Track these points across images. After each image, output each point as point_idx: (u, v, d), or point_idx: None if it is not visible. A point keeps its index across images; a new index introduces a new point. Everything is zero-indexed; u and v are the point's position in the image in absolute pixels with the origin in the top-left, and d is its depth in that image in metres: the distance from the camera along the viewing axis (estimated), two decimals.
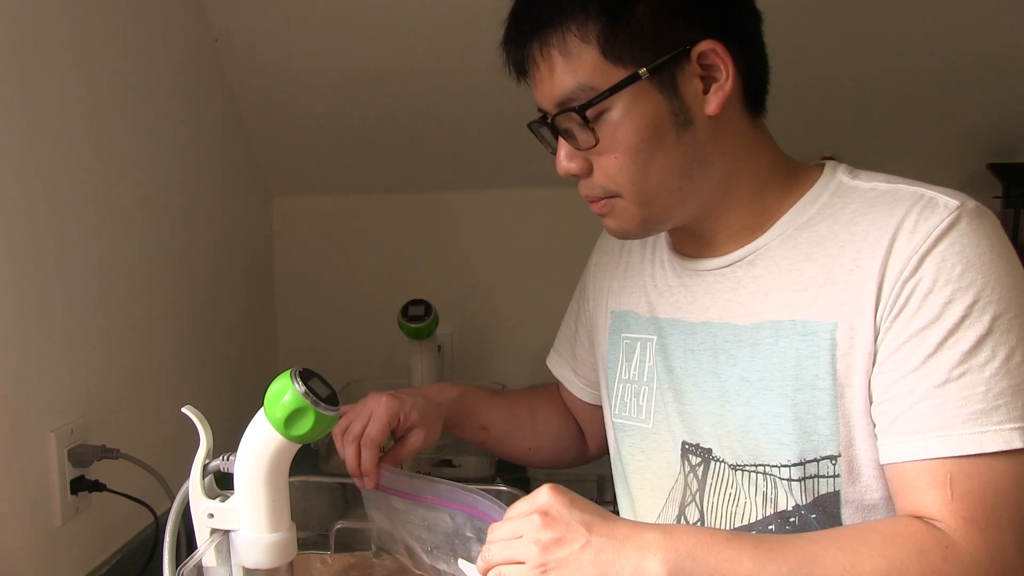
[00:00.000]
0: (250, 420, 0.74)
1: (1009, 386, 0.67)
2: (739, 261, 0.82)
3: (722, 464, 0.81)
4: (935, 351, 0.69)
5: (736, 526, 0.80)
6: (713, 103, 0.76)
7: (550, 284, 1.69)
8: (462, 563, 0.81)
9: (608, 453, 0.99)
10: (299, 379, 0.72)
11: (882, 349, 0.72)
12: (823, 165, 0.82)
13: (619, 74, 0.74)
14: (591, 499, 0.70)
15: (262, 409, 0.73)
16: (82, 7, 1.04)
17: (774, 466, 0.78)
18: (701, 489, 0.83)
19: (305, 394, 0.71)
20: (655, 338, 0.89)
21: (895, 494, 0.72)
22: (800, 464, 0.76)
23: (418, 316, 1.46)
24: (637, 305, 0.93)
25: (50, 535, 0.98)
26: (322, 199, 1.73)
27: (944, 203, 0.72)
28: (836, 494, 0.75)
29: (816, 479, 0.76)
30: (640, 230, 0.82)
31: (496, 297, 1.73)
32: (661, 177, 0.77)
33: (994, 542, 0.65)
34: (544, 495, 0.69)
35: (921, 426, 0.69)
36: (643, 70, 0.73)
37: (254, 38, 1.39)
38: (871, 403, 0.73)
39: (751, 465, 0.79)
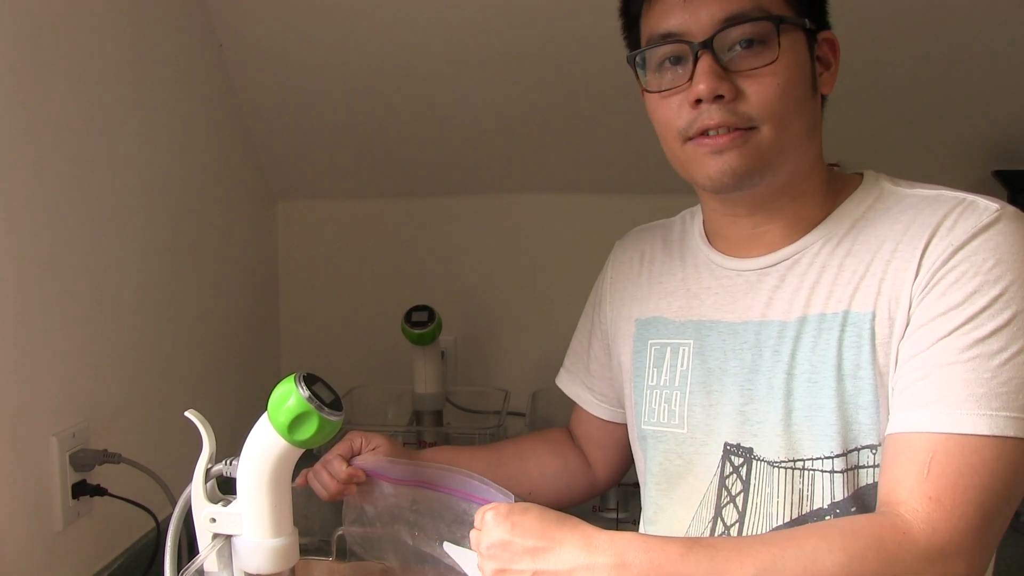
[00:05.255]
0: (253, 425, 0.74)
1: (1014, 378, 0.68)
2: (784, 260, 0.84)
3: (762, 463, 0.82)
4: (950, 334, 0.71)
5: (775, 526, 0.81)
6: (829, 83, 0.84)
7: (554, 290, 1.69)
8: (447, 546, 0.81)
9: (619, 480, 0.99)
10: (303, 384, 0.71)
11: (906, 332, 0.74)
12: (861, 174, 0.86)
13: (789, 14, 0.78)
14: (594, 506, 0.70)
15: (265, 414, 0.73)
16: (85, 13, 1.04)
17: (817, 459, 0.79)
18: (745, 490, 0.83)
19: (309, 399, 0.71)
20: (691, 342, 0.89)
21: (881, 468, 0.73)
22: (843, 455, 0.77)
23: (421, 322, 1.46)
24: (667, 311, 0.93)
25: (51, 539, 0.98)
26: (326, 204, 1.73)
27: (984, 206, 0.75)
28: (876, 486, 0.76)
29: (857, 470, 0.77)
30: (755, 171, 0.79)
31: (500, 303, 1.72)
32: (800, 119, 0.80)
33: (955, 525, 0.66)
34: (487, 523, 0.71)
35: (921, 399, 0.70)
36: (807, 22, 0.79)
37: (259, 43, 1.39)
38: None
39: (789, 461, 0.80)
